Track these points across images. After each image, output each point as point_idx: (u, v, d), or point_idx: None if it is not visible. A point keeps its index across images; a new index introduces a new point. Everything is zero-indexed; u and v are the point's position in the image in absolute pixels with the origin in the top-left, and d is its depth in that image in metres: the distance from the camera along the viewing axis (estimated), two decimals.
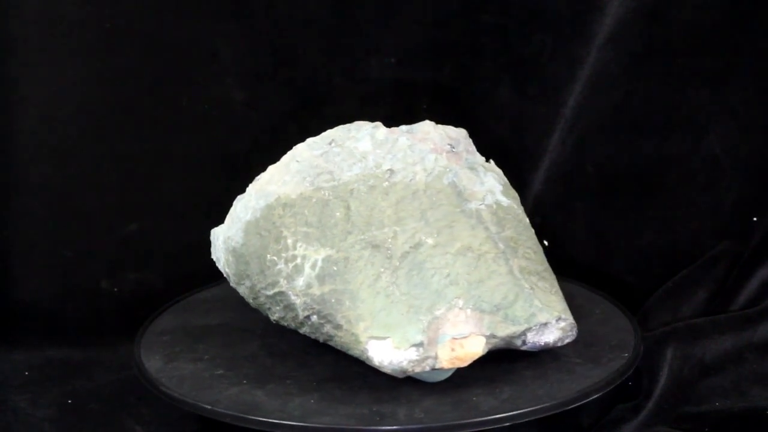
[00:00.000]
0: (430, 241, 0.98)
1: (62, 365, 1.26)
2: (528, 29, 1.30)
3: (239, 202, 1.04)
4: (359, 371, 1.00)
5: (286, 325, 1.02)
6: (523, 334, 0.97)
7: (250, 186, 1.04)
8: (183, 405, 0.98)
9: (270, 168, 1.04)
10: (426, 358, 0.95)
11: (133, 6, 1.27)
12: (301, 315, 1.00)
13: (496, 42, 1.31)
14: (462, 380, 0.98)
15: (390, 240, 0.98)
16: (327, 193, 1.01)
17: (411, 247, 0.98)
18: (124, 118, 1.30)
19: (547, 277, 1.00)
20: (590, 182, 1.32)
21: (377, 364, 0.95)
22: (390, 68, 1.32)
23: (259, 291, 1.02)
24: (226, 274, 1.06)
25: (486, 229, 0.99)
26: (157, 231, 1.33)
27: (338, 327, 0.97)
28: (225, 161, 1.32)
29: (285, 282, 1.00)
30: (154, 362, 1.04)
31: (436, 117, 1.31)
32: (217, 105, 1.31)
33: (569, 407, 0.96)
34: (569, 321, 0.98)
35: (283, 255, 1.00)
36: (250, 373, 1.02)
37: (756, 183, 1.30)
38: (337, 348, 0.99)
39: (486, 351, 0.96)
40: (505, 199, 1.02)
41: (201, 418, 1.05)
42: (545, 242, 1.05)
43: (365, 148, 1.02)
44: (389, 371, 0.95)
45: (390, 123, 1.05)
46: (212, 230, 1.07)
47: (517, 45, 1.31)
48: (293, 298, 1.00)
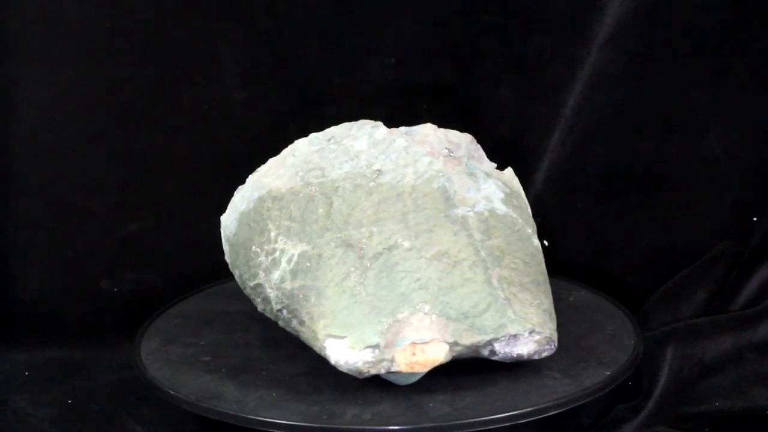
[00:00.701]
0: (406, 243, 0.97)
1: (62, 365, 1.26)
2: (528, 29, 1.30)
3: (238, 193, 1.06)
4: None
5: (268, 317, 1.03)
6: (490, 344, 0.95)
7: (250, 177, 1.05)
8: (183, 405, 0.98)
9: (270, 160, 1.04)
10: (382, 360, 0.94)
11: (133, 6, 1.27)
12: (275, 308, 1.00)
13: (496, 42, 1.31)
14: (431, 385, 0.97)
15: (365, 240, 0.98)
16: (314, 189, 1.01)
17: (385, 248, 0.97)
18: (124, 118, 1.30)
19: (532, 289, 0.98)
20: (590, 182, 1.32)
21: (334, 362, 0.95)
22: (390, 68, 1.32)
23: (245, 281, 1.03)
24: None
25: (469, 236, 0.98)
26: (157, 231, 1.33)
27: (302, 323, 0.98)
28: (225, 161, 1.32)
29: (263, 274, 1.01)
30: (153, 362, 1.04)
31: (436, 117, 1.31)
32: (217, 105, 1.31)
33: (569, 407, 0.96)
34: (545, 335, 0.96)
35: (265, 247, 1.01)
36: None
37: (756, 183, 1.30)
38: (305, 343, 0.99)
39: (450, 358, 0.95)
40: (504, 208, 1.01)
41: (201, 418, 1.05)
42: (545, 242, 1.05)
43: (361, 147, 1.02)
44: (345, 371, 0.95)
45: (390, 123, 1.05)
46: (221, 217, 1.07)
47: (517, 45, 1.31)
48: (268, 291, 1.00)
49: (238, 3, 1.29)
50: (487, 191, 1.01)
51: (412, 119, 1.07)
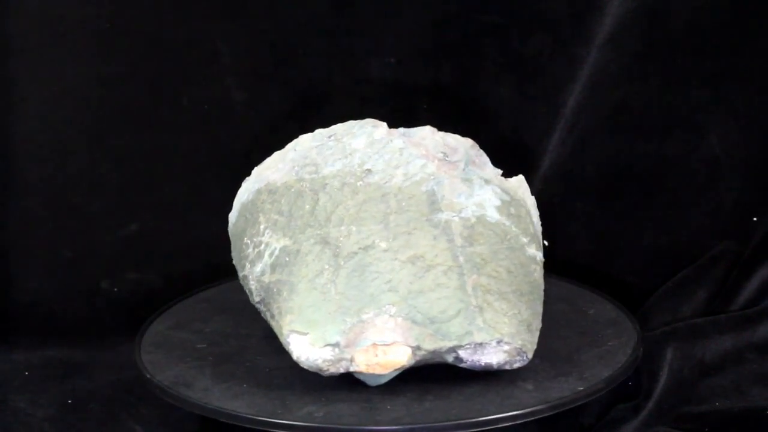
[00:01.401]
0: (383, 245, 0.97)
1: (62, 365, 1.26)
2: (528, 29, 1.30)
3: (244, 184, 1.06)
4: None
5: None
6: (453, 350, 0.95)
7: (255, 168, 1.05)
8: (183, 405, 0.98)
9: (275, 153, 1.05)
10: (341, 359, 0.94)
11: (133, 6, 1.27)
12: (255, 300, 1.01)
13: (496, 42, 1.31)
14: (399, 388, 0.97)
15: (342, 238, 0.97)
16: (305, 185, 1.01)
17: (360, 248, 0.97)
18: (124, 118, 1.30)
19: (511, 299, 0.97)
20: (590, 182, 1.32)
21: (295, 358, 0.95)
22: (390, 68, 1.32)
23: (238, 272, 1.04)
24: None
25: (450, 241, 0.97)
26: (157, 231, 1.33)
27: (273, 316, 0.98)
28: (225, 161, 1.32)
29: (249, 266, 1.01)
30: (153, 362, 1.04)
31: (436, 117, 1.32)
32: (217, 105, 1.31)
33: (569, 407, 0.96)
34: (514, 346, 0.95)
35: (254, 240, 1.01)
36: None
37: (756, 183, 1.30)
38: None
39: (413, 362, 0.95)
40: (497, 216, 0.99)
41: (201, 418, 1.05)
42: (545, 242, 1.05)
43: (358, 145, 1.01)
44: (306, 367, 0.95)
45: (390, 123, 1.05)
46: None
47: (517, 45, 1.31)
48: (251, 284, 1.01)
49: (238, 3, 1.29)
50: (481, 198, 1.00)
51: (412, 119, 1.06)
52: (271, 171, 1.03)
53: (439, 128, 1.29)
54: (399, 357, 0.94)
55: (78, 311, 1.32)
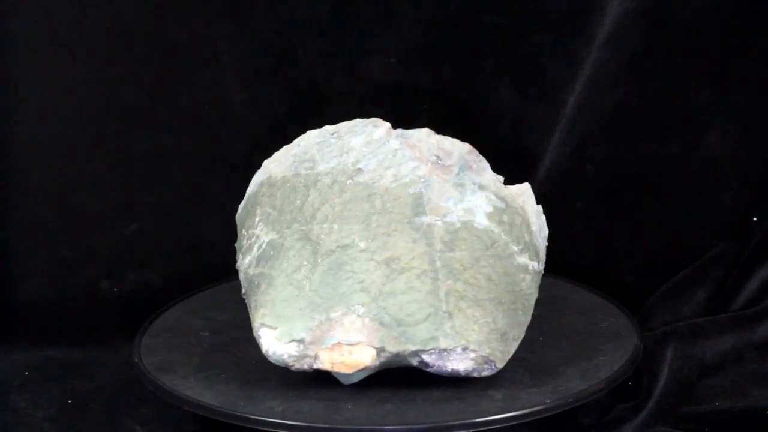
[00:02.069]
0: (361, 244, 0.97)
1: (62, 365, 1.26)
2: (528, 29, 1.30)
3: (255, 176, 1.06)
4: None
5: None
6: (417, 354, 0.95)
7: (265, 161, 1.06)
8: (182, 404, 0.98)
9: (284, 147, 1.05)
10: (305, 356, 0.95)
11: (133, 6, 1.27)
12: (242, 293, 1.01)
13: (496, 42, 1.31)
14: (370, 389, 0.98)
15: (323, 235, 0.98)
16: (300, 180, 1.01)
17: (339, 246, 0.97)
18: (124, 118, 1.30)
19: (488, 306, 0.96)
20: (590, 182, 1.32)
21: (264, 352, 0.96)
22: (390, 68, 1.32)
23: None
24: None
25: (429, 245, 0.97)
26: (157, 231, 1.33)
27: (250, 309, 0.99)
28: (225, 161, 1.32)
29: (241, 257, 1.02)
30: (154, 362, 1.04)
31: (436, 117, 1.32)
32: (217, 105, 1.31)
33: (569, 407, 0.96)
34: (481, 354, 0.95)
35: (249, 232, 1.02)
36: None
37: (756, 183, 1.30)
38: None
39: (377, 363, 0.95)
40: (486, 222, 0.98)
41: (201, 418, 1.05)
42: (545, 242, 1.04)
43: (356, 144, 1.01)
44: (273, 362, 0.96)
45: (389, 123, 1.05)
46: None
47: (517, 45, 1.31)
48: (240, 275, 1.01)
49: (238, 3, 1.29)
50: (472, 203, 0.99)
51: (412, 119, 1.07)
52: (275, 164, 1.04)
53: (440, 128, 1.29)
54: (363, 357, 0.95)
55: (78, 311, 1.32)
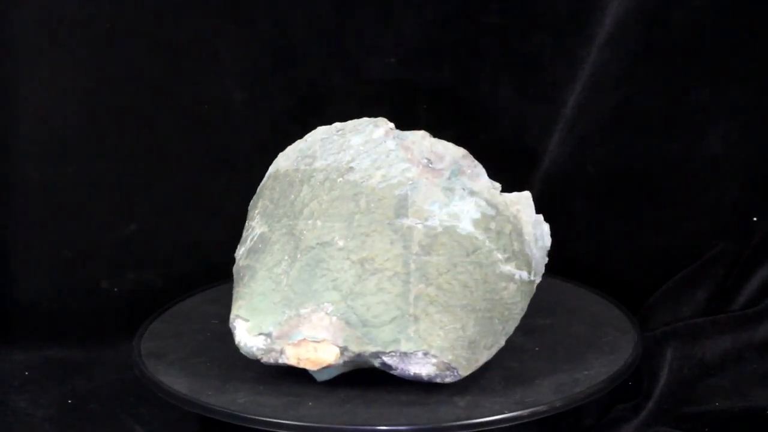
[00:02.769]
0: (340, 243, 0.97)
1: (62, 365, 1.26)
2: (528, 29, 1.30)
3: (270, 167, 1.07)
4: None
5: None
6: (378, 356, 0.94)
7: (279, 154, 1.06)
8: (183, 405, 0.98)
9: (297, 141, 1.05)
10: (271, 350, 0.96)
11: (133, 6, 1.27)
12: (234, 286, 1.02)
13: (496, 42, 1.31)
14: (340, 388, 0.98)
15: (306, 231, 0.98)
16: (298, 176, 1.02)
17: (319, 243, 0.97)
18: (124, 118, 1.30)
19: (459, 313, 0.95)
20: (590, 182, 1.32)
21: (236, 343, 0.97)
22: (390, 68, 1.32)
23: None
24: None
25: (406, 247, 0.96)
26: (157, 231, 1.33)
27: (232, 300, 0.99)
28: (225, 161, 1.32)
29: (238, 248, 1.03)
30: (154, 362, 1.04)
31: (436, 117, 1.32)
32: (217, 105, 1.31)
33: (569, 407, 0.96)
34: (442, 360, 0.94)
35: (248, 223, 1.03)
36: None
37: (756, 183, 1.30)
38: None
39: (341, 362, 0.95)
40: (470, 228, 0.97)
41: (201, 417, 1.05)
42: None
43: (355, 142, 1.02)
44: (244, 354, 0.97)
45: None
46: None
47: (517, 45, 1.31)
48: (234, 266, 1.02)
49: (238, 3, 1.29)
50: (459, 208, 0.98)
51: (412, 119, 1.07)
52: (283, 158, 1.05)
53: (440, 128, 1.29)
54: (326, 355, 0.95)
55: (78, 311, 1.32)
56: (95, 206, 1.31)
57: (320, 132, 1.04)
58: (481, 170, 1.01)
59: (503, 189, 1.08)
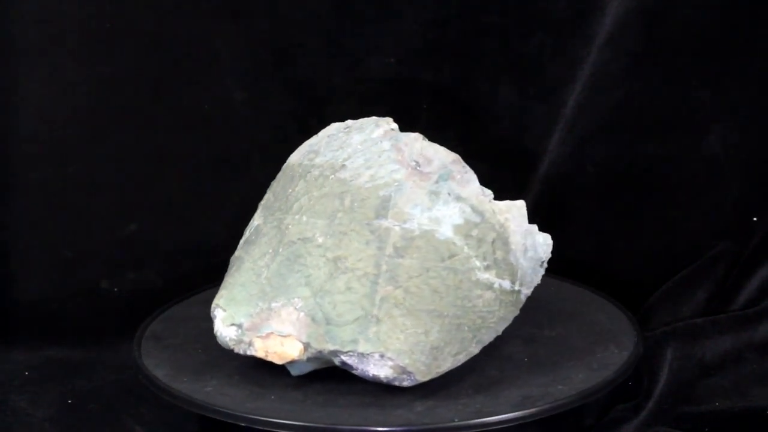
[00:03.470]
0: (320, 240, 0.97)
1: (62, 365, 1.26)
2: (528, 29, 1.30)
3: None
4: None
5: None
6: (337, 355, 0.95)
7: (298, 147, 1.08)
8: (183, 404, 0.98)
9: (314, 135, 1.06)
10: (241, 341, 0.97)
11: (133, 6, 1.27)
12: None
13: (496, 42, 1.31)
14: (311, 384, 0.99)
15: (291, 226, 0.98)
16: (299, 170, 1.02)
17: (300, 239, 0.98)
18: (124, 118, 1.30)
19: (424, 318, 0.95)
20: (590, 182, 1.32)
21: (215, 332, 0.98)
22: (390, 68, 1.32)
23: None
24: None
25: (379, 248, 0.96)
26: (157, 231, 1.33)
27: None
28: (225, 161, 1.32)
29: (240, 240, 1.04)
30: (153, 362, 1.04)
31: (436, 117, 1.32)
32: (217, 105, 1.31)
33: (569, 407, 0.96)
34: (398, 363, 0.94)
35: (254, 215, 1.04)
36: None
37: (756, 183, 1.30)
38: None
39: (305, 358, 0.96)
40: (450, 234, 0.97)
41: (201, 417, 1.05)
42: None
43: (354, 141, 1.02)
44: (219, 343, 0.98)
45: None
46: None
47: (517, 45, 1.31)
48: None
49: (238, 3, 1.29)
50: (440, 213, 0.97)
51: (412, 119, 1.06)
52: (296, 152, 1.06)
53: (440, 128, 1.29)
54: (291, 350, 0.96)
55: (78, 311, 1.32)
56: (95, 206, 1.31)
57: (331, 128, 1.05)
58: (471, 176, 1.00)
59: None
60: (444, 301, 0.96)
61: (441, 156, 1.00)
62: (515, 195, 1.31)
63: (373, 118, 1.03)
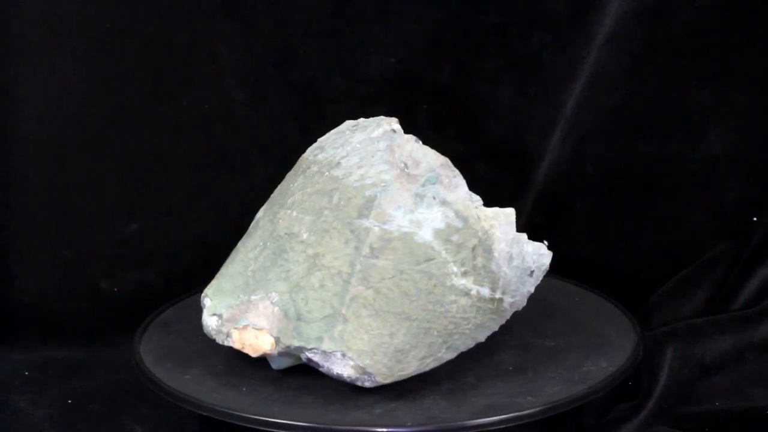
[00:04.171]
0: (305, 236, 0.98)
1: (62, 365, 1.26)
2: (528, 29, 1.30)
3: None
4: None
5: None
6: (302, 351, 0.95)
7: None
8: (182, 404, 0.98)
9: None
10: (220, 331, 0.98)
11: (133, 6, 1.27)
12: None
13: (496, 42, 1.31)
14: (293, 378, 1.00)
15: (281, 220, 0.99)
16: (303, 165, 1.03)
17: (287, 233, 0.98)
18: (124, 118, 1.30)
19: (391, 320, 0.94)
20: (590, 182, 1.32)
21: (202, 321, 1.00)
22: (390, 68, 1.32)
23: None
24: None
25: (356, 248, 0.96)
26: (157, 231, 1.33)
27: None
28: (225, 161, 1.32)
29: None
30: (154, 362, 1.04)
31: (436, 117, 1.32)
32: (217, 105, 1.31)
33: (569, 407, 0.96)
34: (358, 363, 0.94)
35: None
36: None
37: (756, 183, 1.30)
38: None
39: (276, 353, 0.97)
40: (429, 238, 0.96)
41: (201, 417, 1.05)
42: (545, 242, 1.04)
43: (355, 139, 1.02)
44: (205, 332, 1.00)
45: None
46: None
47: (517, 45, 1.31)
48: None
49: (238, 3, 1.29)
50: (422, 216, 0.97)
51: (412, 119, 1.06)
52: (310, 147, 1.06)
53: (440, 128, 1.30)
54: (263, 343, 0.97)
55: (78, 311, 1.32)
56: (95, 206, 1.31)
57: (343, 125, 1.05)
58: (460, 181, 0.99)
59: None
60: (414, 304, 0.95)
61: (430, 159, 1.00)
62: (515, 195, 1.32)
63: (379, 118, 1.03)
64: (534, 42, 1.30)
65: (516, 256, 0.99)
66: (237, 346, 0.98)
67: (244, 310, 0.97)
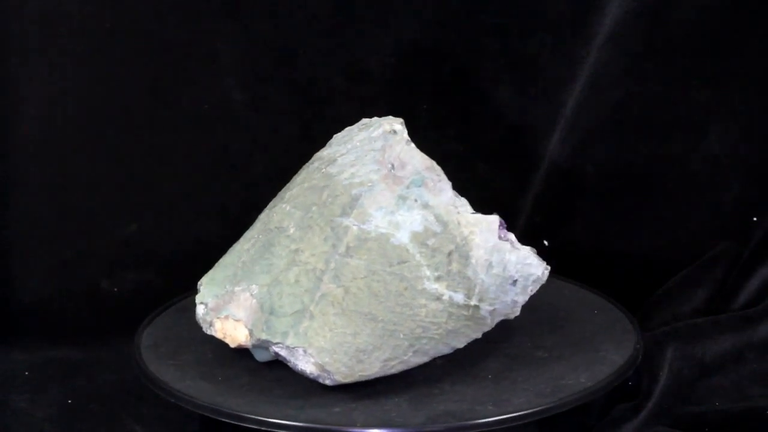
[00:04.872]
0: (291, 230, 0.98)
1: (62, 365, 1.26)
2: (528, 29, 1.30)
3: None
4: None
5: None
6: (269, 344, 0.96)
7: None
8: (183, 404, 0.98)
9: None
10: (205, 320, 1.00)
11: (133, 6, 1.27)
12: None
13: (496, 42, 1.31)
14: (279, 373, 1.00)
15: (275, 214, 1.00)
16: (312, 159, 1.04)
17: (276, 227, 0.99)
18: (124, 118, 1.30)
19: (356, 320, 0.94)
20: (590, 182, 1.32)
21: (196, 309, 1.01)
22: (390, 68, 1.32)
23: None
24: None
25: (333, 246, 0.96)
26: (157, 231, 1.33)
27: None
28: (225, 161, 1.32)
29: None
30: (154, 362, 1.04)
31: (436, 117, 1.32)
32: (217, 105, 1.31)
33: (569, 407, 0.96)
34: (318, 361, 0.94)
35: None
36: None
37: (756, 183, 1.30)
38: None
39: (251, 345, 0.98)
40: (405, 240, 0.96)
41: (201, 417, 1.05)
42: (545, 242, 1.04)
43: (358, 137, 1.02)
44: (197, 320, 1.01)
45: None
46: None
47: (517, 45, 1.31)
48: None
49: (238, 3, 1.29)
50: (402, 218, 0.97)
51: (412, 119, 1.06)
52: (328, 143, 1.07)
53: (440, 128, 1.30)
54: (239, 335, 0.98)
55: (78, 311, 1.32)
56: (95, 206, 1.31)
57: (357, 123, 1.05)
58: (445, 185, 0.99)
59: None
60: (382, 305, 0.95)
61: (416, 161, 1.00)
62: (515, 195, 1.32)
63: (385, 118, 1.03)
64: (534, 42, 1.30)
65: (496, 264, 0.98)
66: (219, 335, 0.99)
67: (228, 300, 0.98)
